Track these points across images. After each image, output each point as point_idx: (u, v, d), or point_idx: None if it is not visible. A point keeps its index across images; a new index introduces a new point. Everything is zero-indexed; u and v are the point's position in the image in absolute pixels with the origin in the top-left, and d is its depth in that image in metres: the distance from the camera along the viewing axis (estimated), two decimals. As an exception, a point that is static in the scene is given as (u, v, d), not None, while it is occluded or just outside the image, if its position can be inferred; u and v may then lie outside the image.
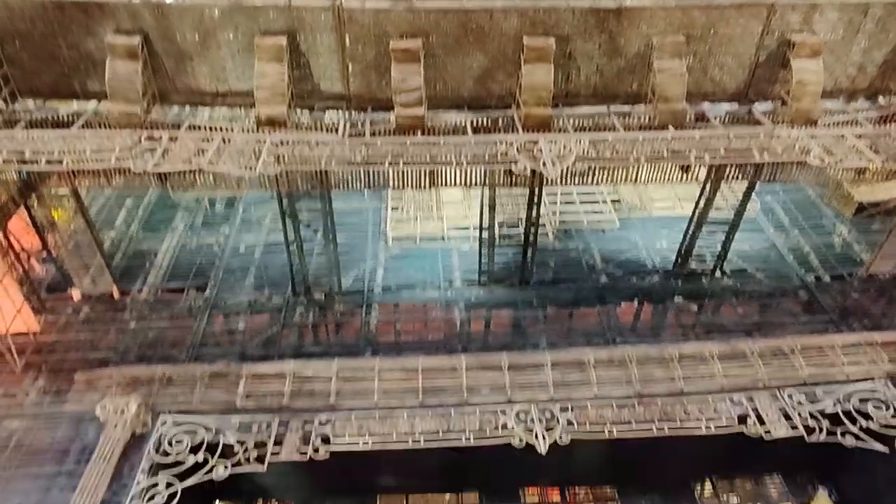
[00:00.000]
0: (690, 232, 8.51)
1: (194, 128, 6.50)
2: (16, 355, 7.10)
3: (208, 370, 6.96)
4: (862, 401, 6.75)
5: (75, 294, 8.07)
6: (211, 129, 6.51)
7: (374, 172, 6.88)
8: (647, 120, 6.93)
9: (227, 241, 9.32)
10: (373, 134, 6.60)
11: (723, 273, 8.83)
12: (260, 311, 8.18)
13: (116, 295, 8.17)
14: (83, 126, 6.43)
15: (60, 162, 6.06)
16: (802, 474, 8.48)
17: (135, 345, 7.53)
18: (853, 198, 9.68)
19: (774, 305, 8.38)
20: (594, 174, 7.29)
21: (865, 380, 6.98)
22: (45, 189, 7.41)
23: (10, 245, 7.47)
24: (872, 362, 7.18)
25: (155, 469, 6.05)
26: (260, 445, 6.22)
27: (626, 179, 7.48)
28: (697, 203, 8.38)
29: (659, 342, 7.63)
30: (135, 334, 7.68)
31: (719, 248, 8.72)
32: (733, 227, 8.51)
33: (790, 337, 7.47)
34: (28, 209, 7.60)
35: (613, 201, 10.25)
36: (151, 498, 5.81)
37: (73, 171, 6.46)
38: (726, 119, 7.12)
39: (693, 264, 8.79)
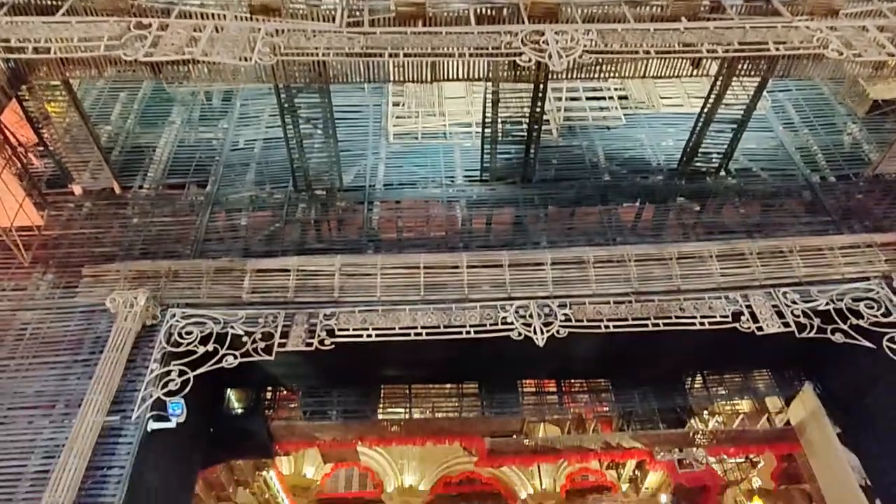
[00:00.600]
0: (697, 130, 8.35)
1: (185, 15, 6.23)
2: (22, 249, 7.20)
3: (213, 265, 7.08)
4: (855, 300, 6.89)
5: (76, 189, 8.06)
6: (202, 16, 6.23)
7: (373, 64, 6.66)
8: (658, 11, 6.61)
9: (225, 136, 9.18)
10: (372, 23, 6.32)
11: (727, 172, 8.75)
12: (262, 207, 8.20)
13: (118, 190, 8.16)
14: (67, 12, 6.16)
15: (48, 50, 5.86)
16: (790, 370, 8.80)
17: (139, 240, 7.61)
18: (868, 95, 9.41)
19: (777, 206, 8.36)
20: (601, 68, 7.06)
21: (860, 279, 7.10)
22: (35, 80, 7.21)
23: (6, 138, 7.37)
24: (869, 262, 7.27)
25: (167, 358, 6.31)
26: (267, 337, 6.44)
27: (634, 73, 7.24)
28: (707, 99, 8.16)
29: (659, 241, 7.70)
30: (138, 230, 7.74)
31: (726, 146, 8.58)
32: (741, 124, 8.33)
33: (789, 237, 7.52)
34: (20, 102, 7.44)
35: (620, 97, 9.98)
36: (165, 385, 6.09)
37: (62, 60, 6.27)
38: (743, 10, 6.79)
39: (698, 163, 8.69)
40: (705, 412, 11.37)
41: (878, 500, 7.06)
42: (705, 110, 8.21)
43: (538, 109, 7.80)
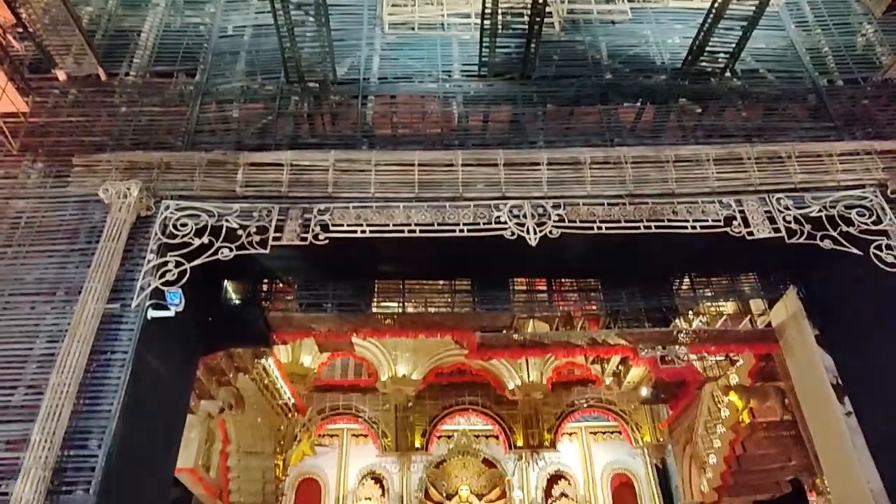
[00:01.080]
0: (706, 26, 8.01)
1: None
2: (9, 136, 7.07)
3: (206, 157, 7.01)
4: (847, 207, 6.94)
5: (60, 75, 7.80)
6: None
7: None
8: None
9: (213, 21, 8.77)
10: None
11: (733, 73, 8.49)
12: (253, 98, 7.99)
13: (103, 76, 7.90)
14: None
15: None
16: (776, 274, 8.98)
17: (128, 130, 7.46)
18: (888, -7, 9.00)
19: (780, 109, 8.20)
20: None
21: (856, 187, 7.10)
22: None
23: (-18, 19, 7.04)
24: (866, 170, 7.24)
25: (163, 250, 6.38)
26: (262, 230, 6.49)
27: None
28: (719, -6, 7.78)
29: (657, 144, 7.61)
30: (127, 119, 7.58)
31: (734, 45, 8.28)
32: (752, 22, 7.99)
33: (789, 143, 7.44)
34: (-6, -22, 7.03)
35: (628, -10, 9.49)
36: (163, 275, 6.19)
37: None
38: None
39: (704, 62, 8.41)
40: (690, 312, 11.73)
41: (847, 397, 7.44)
42: (715, 5, 7.84)
43: (540, 1, 7.44)
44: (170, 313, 6.12)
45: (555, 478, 17.60)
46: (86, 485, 5.21)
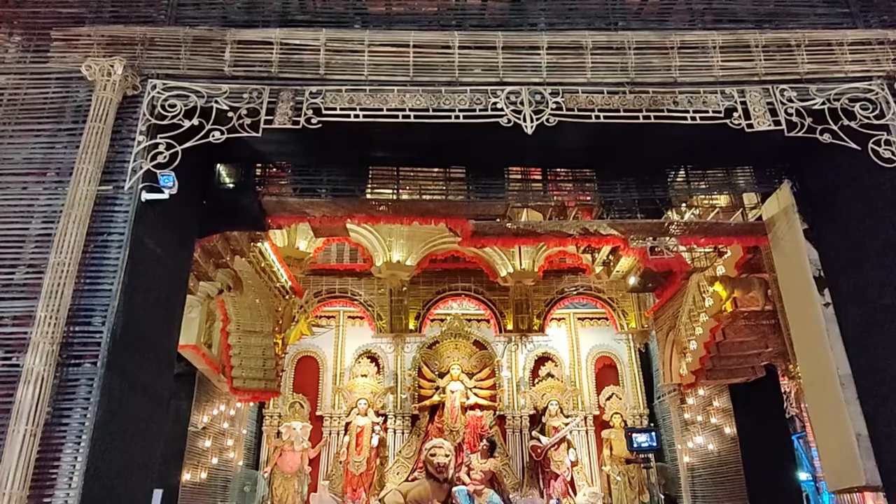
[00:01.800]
0: None
1: None
2: (-17, 7, 6.73)
3: (192, 33, 6.72)
4: (851, 100, 6.81)
5: (30, -62, 7.27)
6: None
7: None
8: None
9: None
10: None
11: (749, -48, 7.99)
12: (239, -31, 7.52)
13: (77, -58, 7.37)
14: None
15: None
16: (772, 167, 8.96)
17: (107, 1, 7.08)
18: None
19: (795, -7, 7.81)
20: None
21: (862, 79, 6.93)
22: None
23: None
24: (876, 61, 7.04)
25: (153, 131, 6.28)
26: (252, 113, 6.36)
27: None
28: None
29: (663, 28, 7.31)
30: (105, -11, 7.17)
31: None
32: None
33: (800, 30, 7.16)
34: None
35: None
36: (154, 157, 6.14)
37: None
38: None
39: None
40: (683, 205, 11.79)
41: (827, 289, 7.69)
42: None
43: None
44: (163, 196, 6.13)
45: (542, 359, 18.41)
46: (93, 358, 5.46)
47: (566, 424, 16.94)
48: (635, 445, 4.03)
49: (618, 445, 16.57)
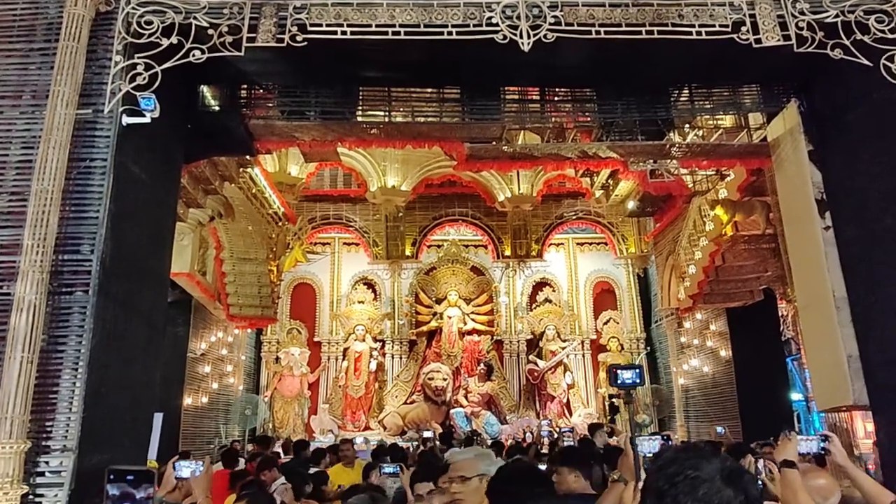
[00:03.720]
0: None
1: None
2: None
3: (165, -57, 6.38)
4: (866, 12, 6.56)
5: None
6: None
7: None
8: None
9: None
10: None
11: None
12: None
13: None
14: None
15: None
16: (779, 86, 8.75)
17: None
18: None
19: None
20: None
21: (880, -10, 6.66)
22: None
23: None
24: (895, -31, 6.74)
25: (130, 51, 6.07)
26: (234, 30, 6.14)
27: None
28: None
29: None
30: None
31: None
32: None
33: (816, -65, 6.81)
34: None
35: None
36: (133, 79, 5.97)
37: None
38: None
39: None
40: (686, 126, 11.64)
41: (829, 212, 7.69)
42: None
43: None
44: (145, 119, 6.01)
45: (540, 285, 18.68)
46: (84, 286, 5.50)
47: (563, 348, 17.40)
48: (619, 381, 4.20)
49: (614, 368, 17.08)
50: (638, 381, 4.41)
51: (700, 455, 1.61)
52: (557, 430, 14.93)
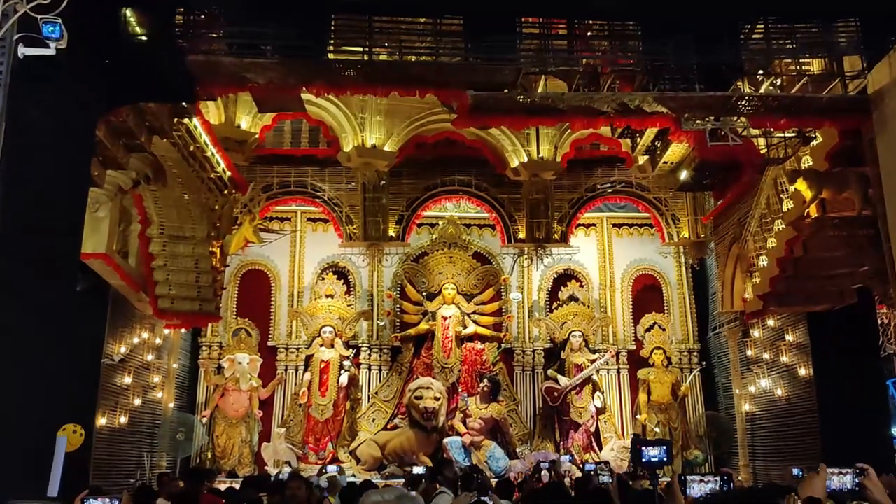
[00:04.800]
0: None
1: None
2: None
3: None
4: None
5: None
6: None
7: None
8: None
9: None
10: None
11: None
12: None
13: None
14: None
15: None
16: (885, 21, 8.77)
17: None
18: None
19: None
20: None
21: None
22: None
23: None
24: None
25: (29, -40, 6.07)
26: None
27: None
28: None
29: None
30: None
31: None
32: None
33: None
34: None
35: None
36: (33, -2, 5.98)
37: None
38: None
39: None
40: (759, 73, 11.63)
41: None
42: None
43: None
44: (49, 51, 6.01)
45: (563, 278, 18.71)
46: (-34, 269, 5.55)
47: (592, 362, 17.47)
48: (644, 460, 4.42)
49: (658, 389, 17.18)
50: (665, 458, 4.70)
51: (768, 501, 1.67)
52: (581, 466, 15.04)
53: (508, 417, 17.42)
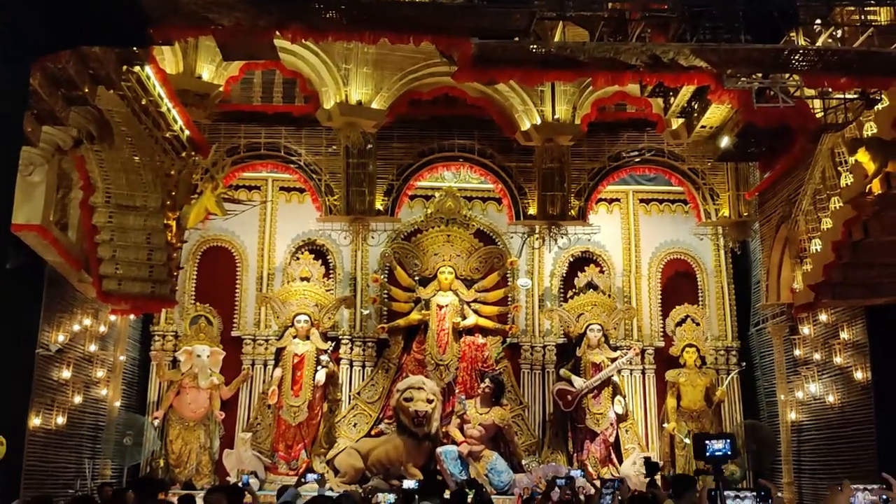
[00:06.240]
0: None
1: None
2: None
3: None
4: None
5: None
6: None
7: None
8: None
9: None
10: None
11: None
12: None
13: None
14: None
15: None
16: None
17: None
18: None
19: None
20: None
21: None
22: None
23: None
24: None
25: None
26: None
27: None
28: None
29: None
30: None
31: None
32: None
33: None
34: None
35: None
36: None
37: None
38: None
39: None
40: (816, 22, 11.57)
41: None
42: None
43: None
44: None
45: (581, 261, 18.74)
46: None
47: (612, 360, 17.53)
48: (708, 454, 4.67)
49: (690, 393, 17.26)
50: (730, 452, 4.94)
51: None
52: (597, 481, 15.10)
53: (513, 424, 17.49)
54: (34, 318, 12.78)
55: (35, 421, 12.87)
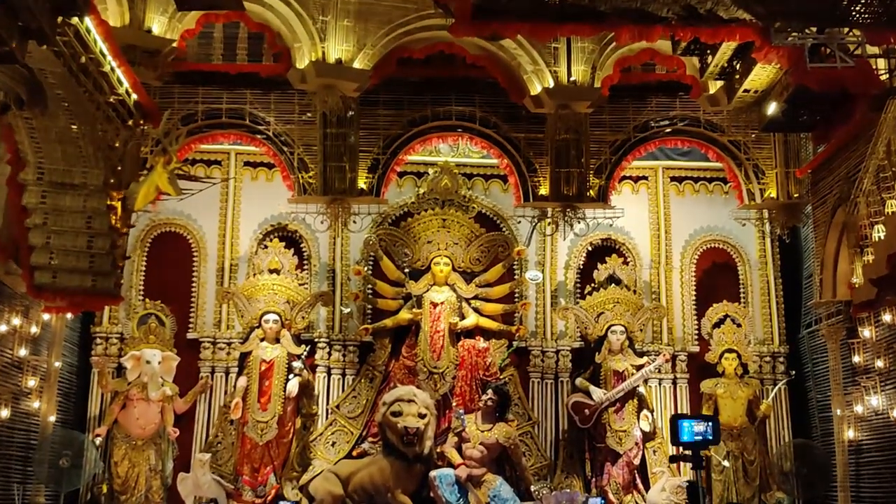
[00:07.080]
0: None
1: None
2: None
3: None
4: None
5: None
6: None
7: None
8: None
9: None
10: None
11: None
12: None
13: None
14: None
15: None
16: None
17: None
18: None
19: None
20: None
21: None
22: None
23: None
24: None
25: None
26: None
27: None
28: None
29: None
30: None
31: None
32: None
33: None
34: None
35: None
36: None
37: None
38: None
39: None
40: (881, -33, 11.58)
41: None
42: None
43: None
44: None
45: (601, 251, 18.70)
46: None
47: (638, 368, 17.52)
48: (682, 437, 4.47)
49: (730, 406, 17.26)
50: (711, 437, 4.77)
51: None
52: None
53: (521, 443, 17.47)
54: (-48, 316, 12.79)
55: (-46, 438, 12.88)
